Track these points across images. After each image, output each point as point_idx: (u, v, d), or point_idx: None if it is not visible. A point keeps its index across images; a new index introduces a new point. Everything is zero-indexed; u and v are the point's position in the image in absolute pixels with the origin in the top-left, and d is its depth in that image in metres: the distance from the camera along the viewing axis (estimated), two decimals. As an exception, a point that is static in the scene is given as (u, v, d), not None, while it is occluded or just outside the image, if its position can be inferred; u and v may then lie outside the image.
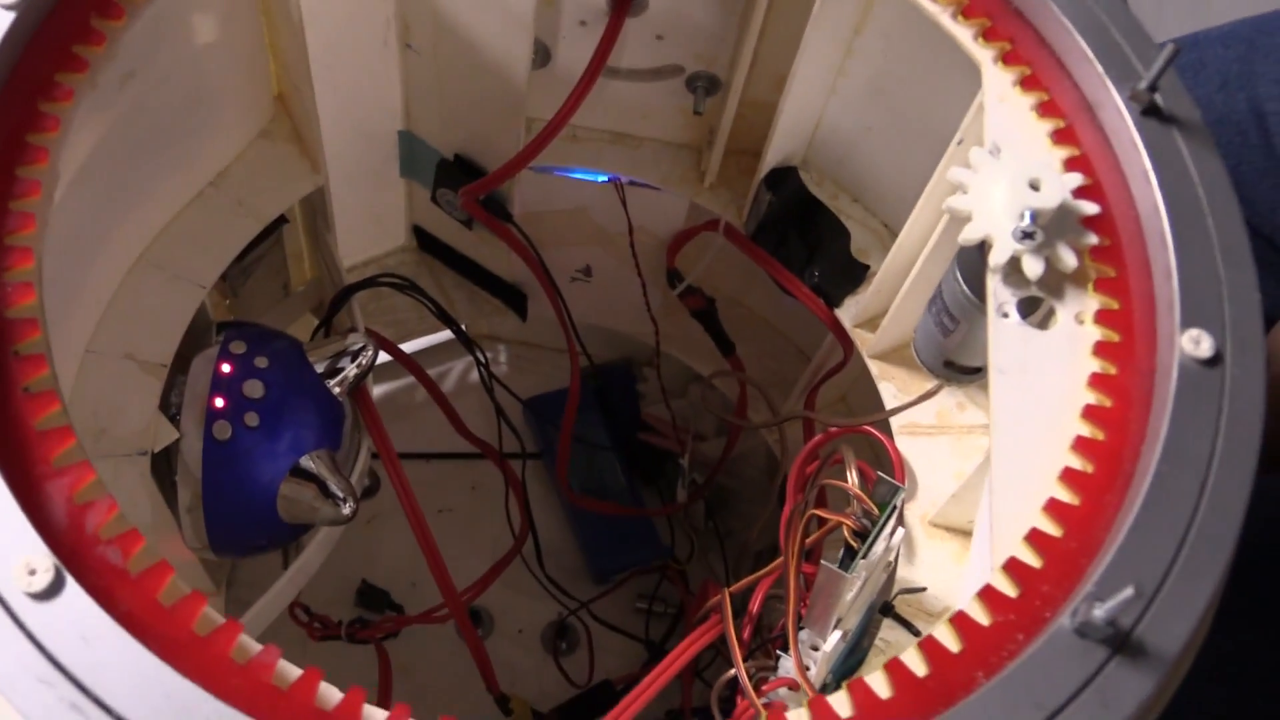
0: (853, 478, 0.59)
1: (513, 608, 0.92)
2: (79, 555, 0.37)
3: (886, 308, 0.65)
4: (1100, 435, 0.43)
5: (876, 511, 0.56)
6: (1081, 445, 0.43)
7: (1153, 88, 0.47)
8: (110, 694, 0.34)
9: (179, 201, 0.64)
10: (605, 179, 0.75)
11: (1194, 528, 0.39)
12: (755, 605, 0.63)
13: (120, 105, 0.54)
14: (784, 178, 0.70)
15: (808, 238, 0.70)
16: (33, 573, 0.35)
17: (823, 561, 0.54)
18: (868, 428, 0.64)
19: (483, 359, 0.79)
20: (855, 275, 0.69)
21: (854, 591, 0.55)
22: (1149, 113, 0.48)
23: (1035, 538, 0.41)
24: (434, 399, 0.78)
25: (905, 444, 0.63)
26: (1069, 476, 0.42)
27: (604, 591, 0.91)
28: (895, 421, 0.65)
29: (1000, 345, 0.45)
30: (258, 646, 0.37)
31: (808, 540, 0.59)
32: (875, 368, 0.67)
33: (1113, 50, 0.50)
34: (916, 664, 0.38)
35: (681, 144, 0.74)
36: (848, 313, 0.69)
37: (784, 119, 0.65)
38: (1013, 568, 0.40)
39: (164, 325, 0.61)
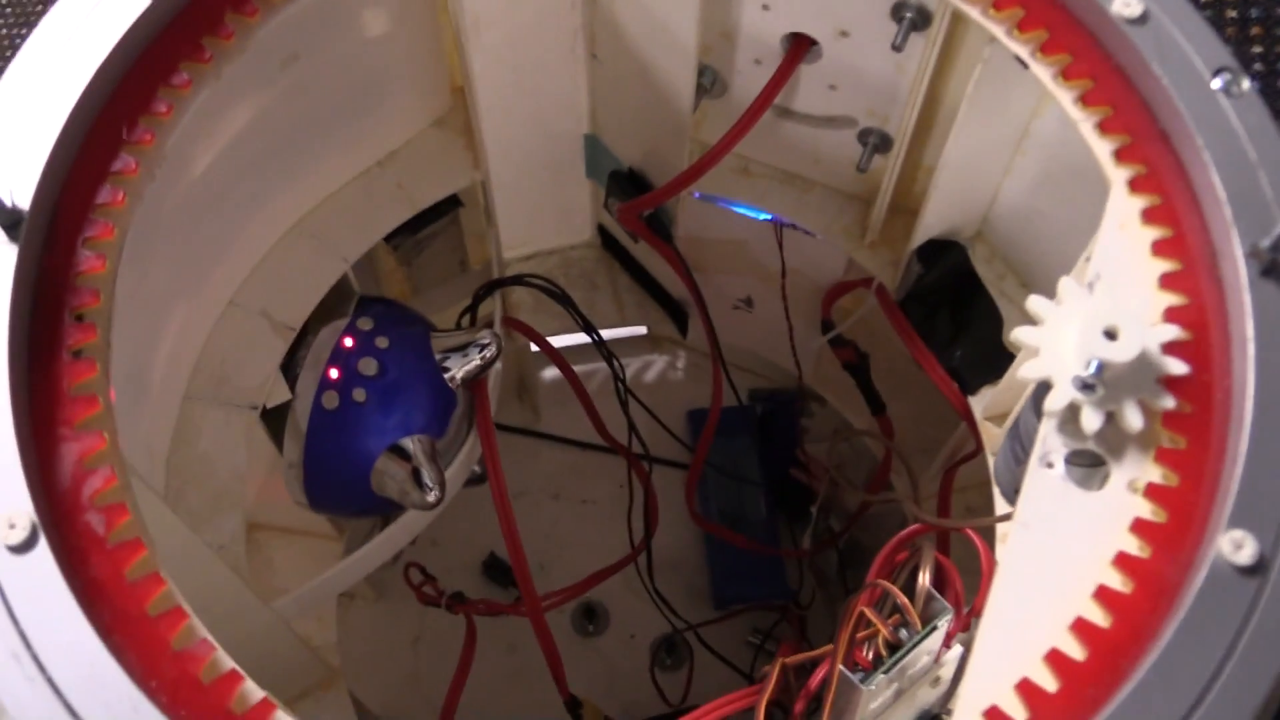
0: (925, 578, 0.56)
1: (632, 612, 0.93)
2: (66, 518, 0.40)
3: (1012, 407, 0.62)
4: (1106, 622, 0.39)
5: (919, 626, 0.53)
6: (1081, 628, 0.39)
7: (1277, 248, 0.42)
8: (46, 653, 0.37)
9: (343, 177, 0.67)
10: (767, 218, 0.73)
11: (1163, 755, 0.35)
12: (814, 682, 0.61)
13: (282, 84, 0.58)
14: (942, 251, 0.66)
15: (958, 316, 0.67)
16: (12, 526, 0.38)
17: (840, 668, 0.52)
18: (968, 530, 0.61)
19: (619, 370, 0.79)
20: (998, 365, 0.64)
21: (876, 702, 0.53)
22: (1269, 274, 0.42)
23: (993, 716, 0.38)
24: (575, 393, 0.80)
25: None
26: (1054, 659, 0.38)
27: (720, 617, 0.91)
28: (1001, 528, 0.61)
29: (1032, 496, 0.42)
30: (201, 635, 0.39)
31: (858, 635, 0.57)
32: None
33: (1253, 196, 0.44)
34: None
35: (851, 194, 0.71)
36: (980, 402, 0.65)
37: (938, 192, 0.61)
38: (954, 745, 0.37)
39: (302, 291, 0.65)
